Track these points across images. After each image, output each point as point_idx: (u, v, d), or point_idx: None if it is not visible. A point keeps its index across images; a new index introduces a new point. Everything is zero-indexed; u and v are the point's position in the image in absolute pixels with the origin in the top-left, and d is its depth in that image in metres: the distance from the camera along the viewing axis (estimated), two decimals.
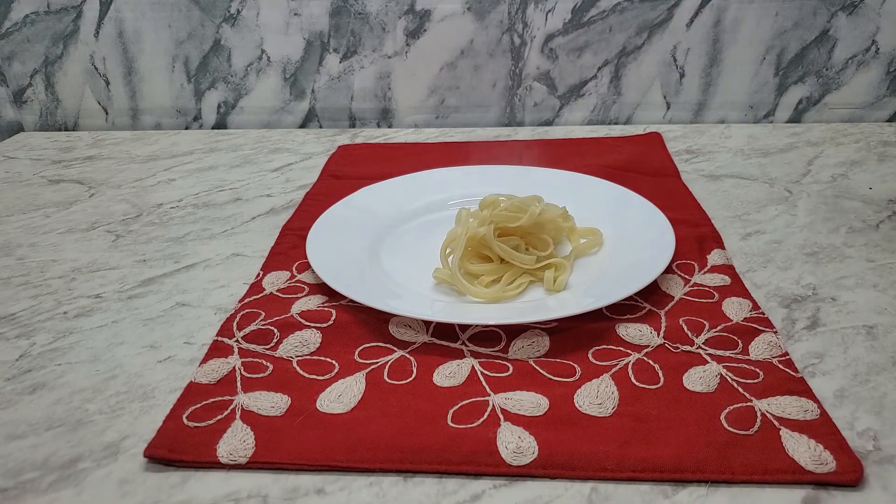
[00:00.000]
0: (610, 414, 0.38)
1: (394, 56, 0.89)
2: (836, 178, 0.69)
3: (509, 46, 0.87)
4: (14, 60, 0.92)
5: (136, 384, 0.42)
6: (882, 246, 0.55)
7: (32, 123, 0.97)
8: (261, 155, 0.83)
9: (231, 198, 0.70)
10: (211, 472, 0.35)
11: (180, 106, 0.94)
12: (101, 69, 0.92)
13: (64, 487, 0.35)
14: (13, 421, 0.39)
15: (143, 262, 0.57)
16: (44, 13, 0.89)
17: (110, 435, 0.38)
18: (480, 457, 0.35)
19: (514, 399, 0.39)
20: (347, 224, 0.58)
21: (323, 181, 0.73)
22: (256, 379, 0.41)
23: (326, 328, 0.46)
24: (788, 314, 0.47)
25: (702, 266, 0.52)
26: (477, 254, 0.52)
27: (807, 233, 0.58)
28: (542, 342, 0.44)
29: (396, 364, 0.42)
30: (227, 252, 0.58)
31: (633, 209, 0.58)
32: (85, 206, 0.69)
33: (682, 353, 0.42)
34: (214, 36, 0.89)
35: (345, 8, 0.86)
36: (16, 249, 0.60)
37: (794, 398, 0.38)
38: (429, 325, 0.46)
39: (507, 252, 0.49)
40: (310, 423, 0.38)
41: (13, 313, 0.50)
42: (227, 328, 0.46)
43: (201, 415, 0.38)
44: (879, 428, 0.36)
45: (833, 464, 0.33)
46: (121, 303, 0.51)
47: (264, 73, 0.91)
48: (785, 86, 0.87)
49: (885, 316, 0.46)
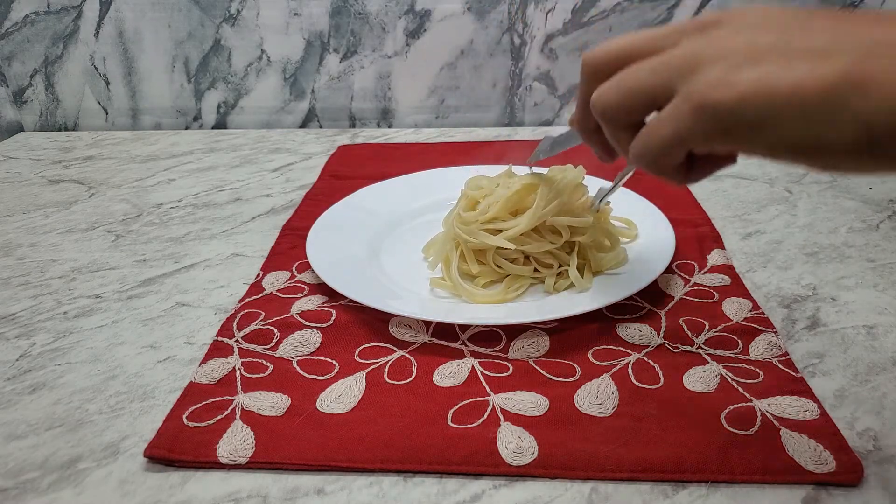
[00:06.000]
0: (610, 414, 0.38)
1: (394, 56, 0.89)
2: (836, 178, 0.69)
3: (509, 46, 0.87)
4: (14, 60, 0.92)
5: (136, 384, 0.42)
6: (882, 246, 0.55)
7: (32, 123, 0.97)
8: (261, 155, 0.83)
9: (231, 198, 0.70)
10: (211, 472, 0.35)
11: (180, 106, 0.94)
12: (101, 69, 0.92)
13: (64, 487, 0.35)
14: (13, 421, 0.39)
15: (143, 262, 0.57)
16: (44, 13, 0.89)
17: (110, 435, 0.38)
18: (480, 457, 0.35)
19: (514, 399, 0.39)
20: (347, 224, 0.58)
21: (323, 181, 0.73)
22: (256, 379, 0.41)
23: (326, 328, 0.46)
24: (788, 314, 0.47)
25: (702, 266, 0.52)
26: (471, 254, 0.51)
27: (807, 233, 0.58)
28: (542, 342, 0.44)
29: (396, 364, 0.42)
30: (227, 252, 0.58)
31: (633, 209, 0.58)
32: (85, 206, 0.69)
33: (682, 353, 0.42)
34: (214, 36, 0.89)
35: (345, 8, 0.86)
36: (16, 249, 0.60)
37: (794, 398, 0.38)
38: (429, 325, 0.46)
39: (505, 264, 0.49)
40: (310, 423, 0.38)
41: (13, 313, 0.50)
42: (227, 328, 0.46)
43: (201, 415, 0.38)
44: (879, 428, 0.36)
45: (833, 464, 0.33)
46: (121, 303, 0.51)
47: (264, 73, 0.91)
48: None
49: (885, 316, 0.46)
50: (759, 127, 0.24)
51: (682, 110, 0.26)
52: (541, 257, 0.49)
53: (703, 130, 0.26)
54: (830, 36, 0.24)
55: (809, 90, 0.23)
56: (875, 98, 0.22)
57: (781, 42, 0.24)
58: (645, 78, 0.28)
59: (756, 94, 0.24)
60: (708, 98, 0.25)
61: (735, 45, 0.25)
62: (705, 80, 0.25)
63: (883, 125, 0.22)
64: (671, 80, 0.27)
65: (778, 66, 0.24)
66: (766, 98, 0.24)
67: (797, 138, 0.24)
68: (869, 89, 0.22)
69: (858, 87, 0.22)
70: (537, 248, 0.48)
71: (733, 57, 0.25)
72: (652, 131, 0.28)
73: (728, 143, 0.26)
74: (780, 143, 0.24)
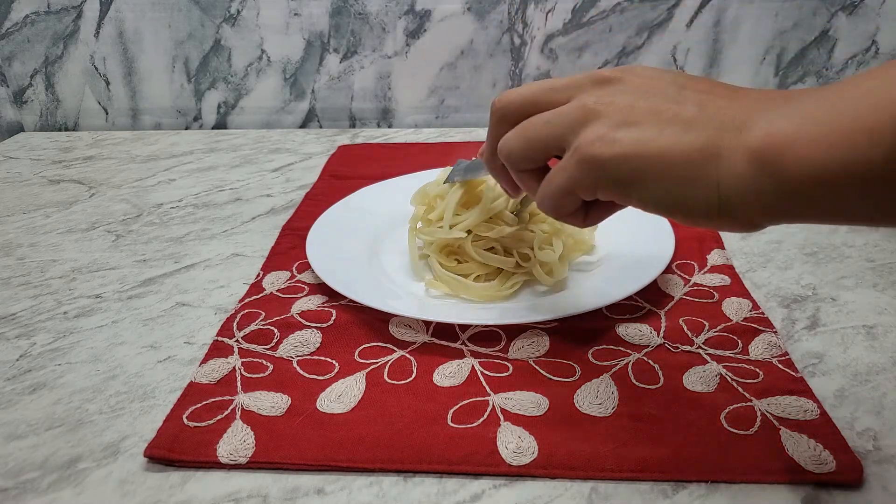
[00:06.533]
0: (610, 414, 0.38)
1: (394, 56, 0.89)
2: None
3: (509, 46, 0.87)
4: (14, 60, 0.92)
5: (136, 384, 0.42)
6: (882, 246, 0.55)
7: (32, 123, 0.97)
8: (261, 155, 0.83)
9: (231, 198, 0.70)
10: (211, 472, 0.35)
11: (180, 106, 0.94)
12: (101, 69, 0.92)
13: (64, 487, 0.35)
14: (13, 421, 0.39)
15: (143, 262, 0.57)
16: (44, 13, 0.89)
17: (110, 435, 0.38)
18: (480, 457, 0.35)
19: (514, 399, 0.39)
20: (347, 224, 0.58)
21: (323, 181, 0.73)
22: (256, 379, 0.41)
23: (326, 328, 0.46)
24: (788, 314, 0.47)
25: (702, 266, 0.52)
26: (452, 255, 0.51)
27: (807, 233, 0.58)
28: (542, 342, 0.44)
29: (396, 364, 0.42)
30: (227, 252, 0.58)
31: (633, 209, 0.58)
32: (85, 206, 0.69)
33: (682, 353, 0.42)
34: (214, 36, 0.89)
35: (345, 8, 0.86)
36: (16, 249, 0.60)
37: (793, 398, 0.38)
38: (429, 325, 0.46)
39: (485, 256, 0.49)
40: (310, 423, 0.38)
41: (13, 313, 0.50)
42: (228, 328, 0.46)
43: (201, 415, 0.38)
44: (879, 428, 0.36)
45: (833, 464, 0.33)
46: (121, 303, 0.51)
47: (264, 74, 0.91)
48: (785, 86, 0.87)
49: (885, 316, 0.46)
50: (632, 182, 0.28)
51: (570, 162, 0.29)
52: (514, 245, 0.49)
53: (588, 181, 0.29)
54: (696, 110, 0.27)
55: (675, 156, 0.27)
56: (724, 168, 0.26)
57: (657, 108, 0.28)
58: (541, 129, 0.31)
59: (630, 154, 0.27)
60: (589, 153, 0.28)
61: (619, 105, 0.29)
62: (591, 135, 0.28)
63: (730, 190, 0.26)
64: (563, 133, 0.30)
65: (651, 132, 0.27)
66: (638, 158, 0.27)
67: (663, 196, 0.28)
68: (719, 160, 0.26)
69: (713, 157, 0.26)
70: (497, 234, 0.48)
71: (616, 116, 0.28)
72: (550, 181, 0.31)
73: (608, 193, 0.29)
74: (650, 198, 0.28)
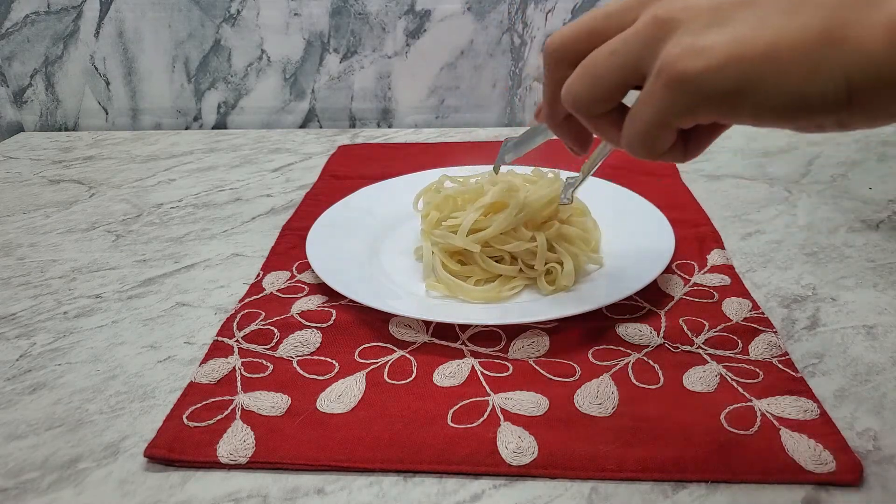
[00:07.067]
0: (610, 414, 0.38)
1: (394, 56, 0.89)
2: (836, 178, 0.69)
3: (509, 46, 0.87)
4: (14, 60, 0.92)
5: (136, 384, 0.42)
6: (882, 246, 0.55)
7: (32, 123, 0.97)
8: (261, 155, 0.83)
9: (231, 198, 0.70)
10: (211, 472, 0.35)
11: (180, 106, 0.94)
12: (101, 69, 0.92)
13: (64, 487, 0.35)
14: (13, 421, 0.39)
15: (143, 262, 0.57)
16: (44, 13, 0.89)
17: (110, 435, 0.38)
18: (480, 457, 0.35)
19: (514, 399, 0.39)
20: (347, 224, 0.58)
21: (323, 181, 0.73)
22: (256, 379, 0.41)
23: (326, 328, 0.46)
24: (788, 314, 0.47)
25: (702, 266, 0.52)
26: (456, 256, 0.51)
27: (807, 233, 0.58)
28: (542, 342, 0.44)
29: (396, 364, 0.42)
30: (227, 252, 0.58)
31: (633, 209, 0.58)
32: (85, 206, 0.69)
33: (682, 353, 0.42)
34: (214, 36, 0.89)
35: (345, 8, 0.86)
36: (16, 249, 0.60)
37: (793, 398, 0.38)
38: (429, 325, 0.46)
39: (490, 265, 0.49)
40: (310, 423, 0.38)
41: (13, 313, 0.50)
42: (228, 328, 0.46)
43: (201, 415, 0.38)
44: (879, 428, 0.36)
45: (833, 464, 0.33)
46: (121, 303, 0.51)
47: (264, 74, 0.91)
48: None
49: (885, 316, 0.46)
50: (738, 93, 0.23)
51: (656, 88, 0.24)
52: (523, 257, 0.49)
53: (683, 105, 0.24)
54: None
55: (785, 48, 0.22)
56: (851, 50, 0.21)
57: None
58: (610, 61, 0.26)
59: (729, 58, 0.22)
60: (678, 70, 0.23)
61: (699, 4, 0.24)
62: (672, 51, 0.23)
63: (861, 76, 0.21)
64: (638, 57, 0.25)
65: (748, 26, 0.22)
66: (740, 62, 0.22)
67: (778, 99, 0.23)
68: (844, 42, 0.21)
69: (837, 41, 0.21)
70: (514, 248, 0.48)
71: (699, 18, 0.23)
72: (634, 118, 0.26)
73: (711, 113, 0.24)
74: (763, 106, 0.23)
